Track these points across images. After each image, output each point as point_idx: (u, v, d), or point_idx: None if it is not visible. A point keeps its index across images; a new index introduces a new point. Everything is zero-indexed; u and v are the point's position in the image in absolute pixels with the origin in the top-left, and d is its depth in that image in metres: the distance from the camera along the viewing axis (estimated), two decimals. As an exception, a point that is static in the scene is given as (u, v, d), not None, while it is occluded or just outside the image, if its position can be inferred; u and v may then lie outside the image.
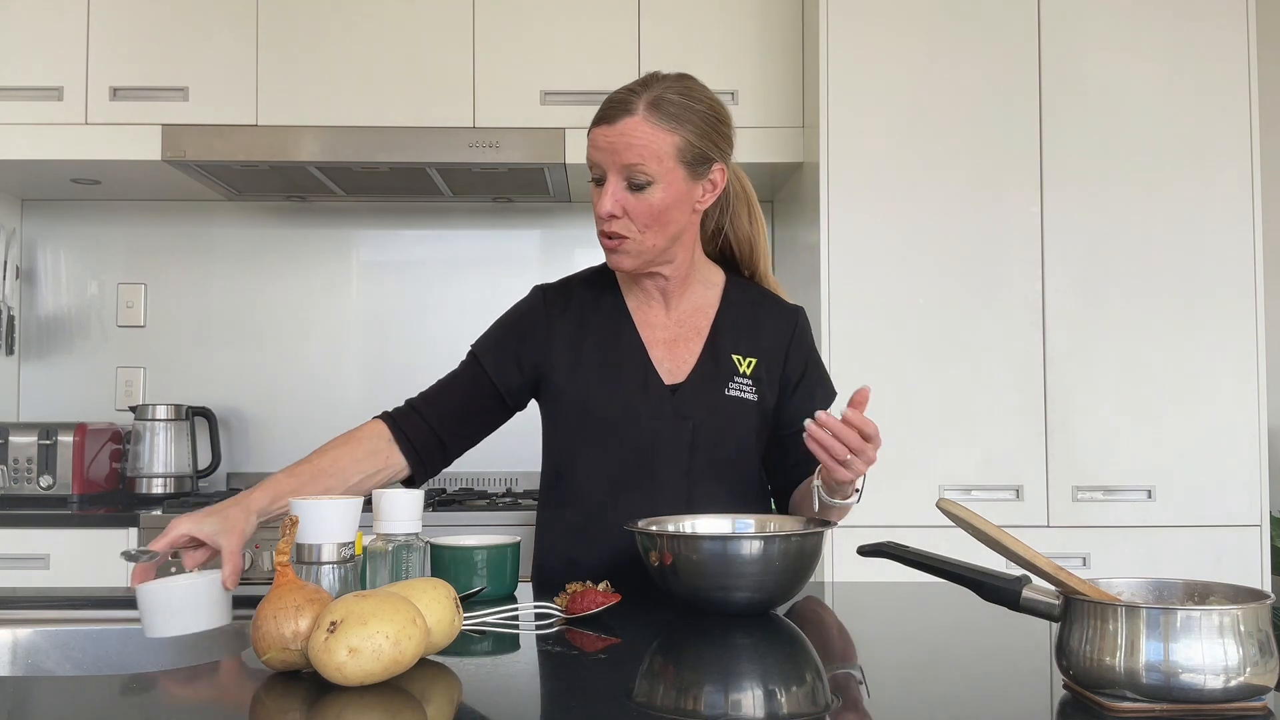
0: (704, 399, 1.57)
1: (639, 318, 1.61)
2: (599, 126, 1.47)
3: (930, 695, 0.95)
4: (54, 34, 2.83)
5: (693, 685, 0.98)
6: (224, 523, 1.29)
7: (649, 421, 1.55)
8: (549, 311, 1.61)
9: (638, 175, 1.46)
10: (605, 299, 1.63)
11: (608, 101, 1.49)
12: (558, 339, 1.59)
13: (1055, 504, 2.53)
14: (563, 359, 1.59)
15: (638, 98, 1.47)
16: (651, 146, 1.45)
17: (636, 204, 1.47)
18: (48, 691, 0.98)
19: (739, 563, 1.24)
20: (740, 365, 1.59)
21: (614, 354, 1.58)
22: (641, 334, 1.60)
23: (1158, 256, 2.56)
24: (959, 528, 1.03)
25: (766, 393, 1.60)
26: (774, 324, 1.63)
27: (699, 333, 1.61)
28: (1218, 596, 0.94)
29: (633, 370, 1.57)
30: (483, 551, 1.37)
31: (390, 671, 0.94)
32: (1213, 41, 2.58)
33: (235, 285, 3.28)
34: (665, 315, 1.62)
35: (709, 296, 1.64)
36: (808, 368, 1.64)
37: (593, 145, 1.48)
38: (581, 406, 1.57)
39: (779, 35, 2.86)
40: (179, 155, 2.77)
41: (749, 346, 1.61)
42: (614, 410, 1.55)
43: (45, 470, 2.85)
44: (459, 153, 2.78)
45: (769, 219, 3.31)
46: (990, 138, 2.57)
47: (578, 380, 1.57)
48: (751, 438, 1.60)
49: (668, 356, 1.59)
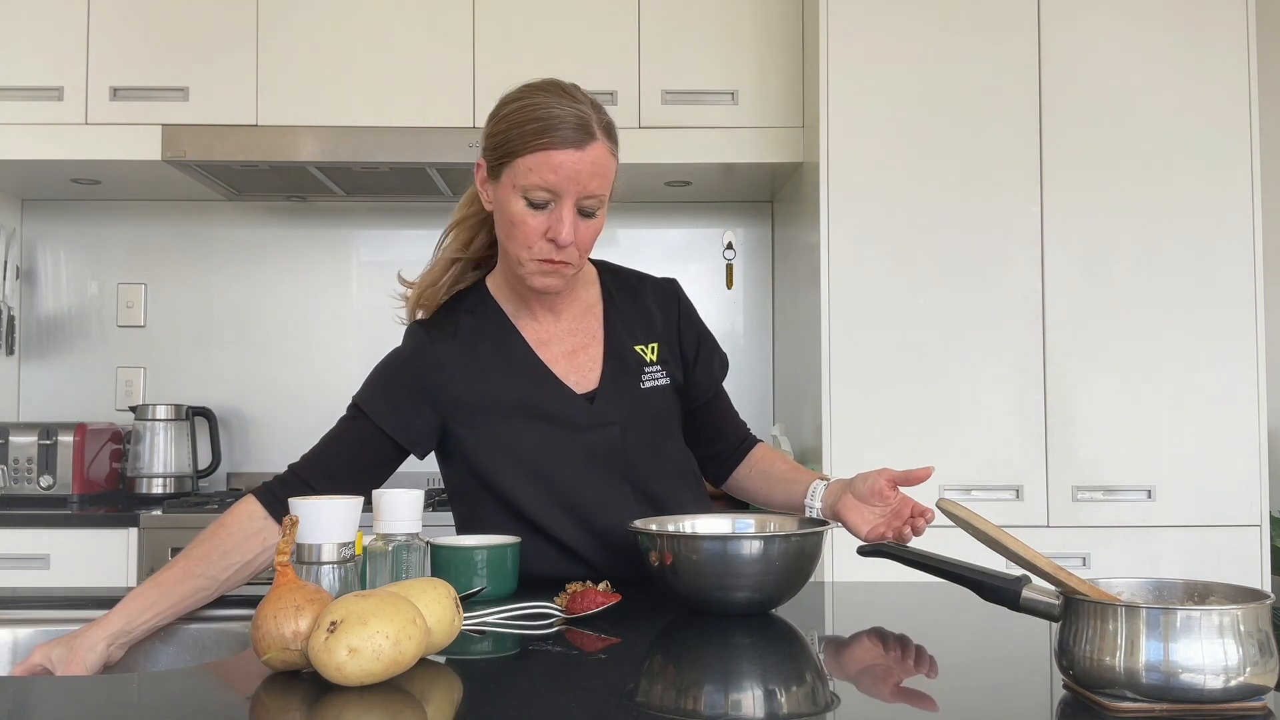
0: (621, 399, 1.53)
1: (532, 337, 1.54)
2: (564, 151, 1.36)
3: (930, 695, 0.95)
4: (54, 34, 2.83)
5: (693, 685, 0.98)
6: (68, 654, 1.22)
7: (579, 435, 1.50)
8: (437, 352, 1.52)
9: (592, 203, 1.41)
10: (491, 322, 1.54)
11: (560, 120, 1.37)
12: (453, 380, 1.50)
13: (1055, 504, 2.53)
14: (465, 398, 1.50)
15: (590, 119, 1.39)
16: (607, 174, 1.41)
17: (584, 231, 1.42)
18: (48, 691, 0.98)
19: (739, 563, 1.24)
20: (645, 354, 1.56)
21: (518, 379, 1.51)
22: (539, 353, 1.53)
23: (1158, 256, 2.57)
24: (959, 528, 1.03)
25: (674, 372, 1.58)
26: (659, 304, 1.61)
27: (594, 336, 1.56)
28: (1218, 596, 0.94)
29: (543, 391, 1.50)
30: (483, 551, 1.37)
31: (390, 671, 0.94)
32: (1213, 39, 2.58)
33: (235, 285, 3.28)
34: (556, 325, 1.55)
35: (590, 294, 1.59)
36: (700, 342, 1.62)
37: (553, 170, 1.36)
38: (502, 440, 1.49)
39: (779, 35, 2.86)
40: (179, 155, 2.77)
41: (644, 334, 1.58)
42: (537, 436, 1.49)
43: (45, 470, 2.85)
44: (459, 153, 2.78)
45: (769, 219, 3.31)
46: (990, 137, 2.57)
47: (490, 416, 1.49)
48: (675, 421, 1.60)
49: (571, 368, 1.53)
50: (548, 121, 1.37)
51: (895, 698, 0.96)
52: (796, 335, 2.90)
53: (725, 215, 3.31)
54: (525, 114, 1.39)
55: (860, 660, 1.09)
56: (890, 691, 0.97)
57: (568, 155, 1.37)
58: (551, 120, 1.37)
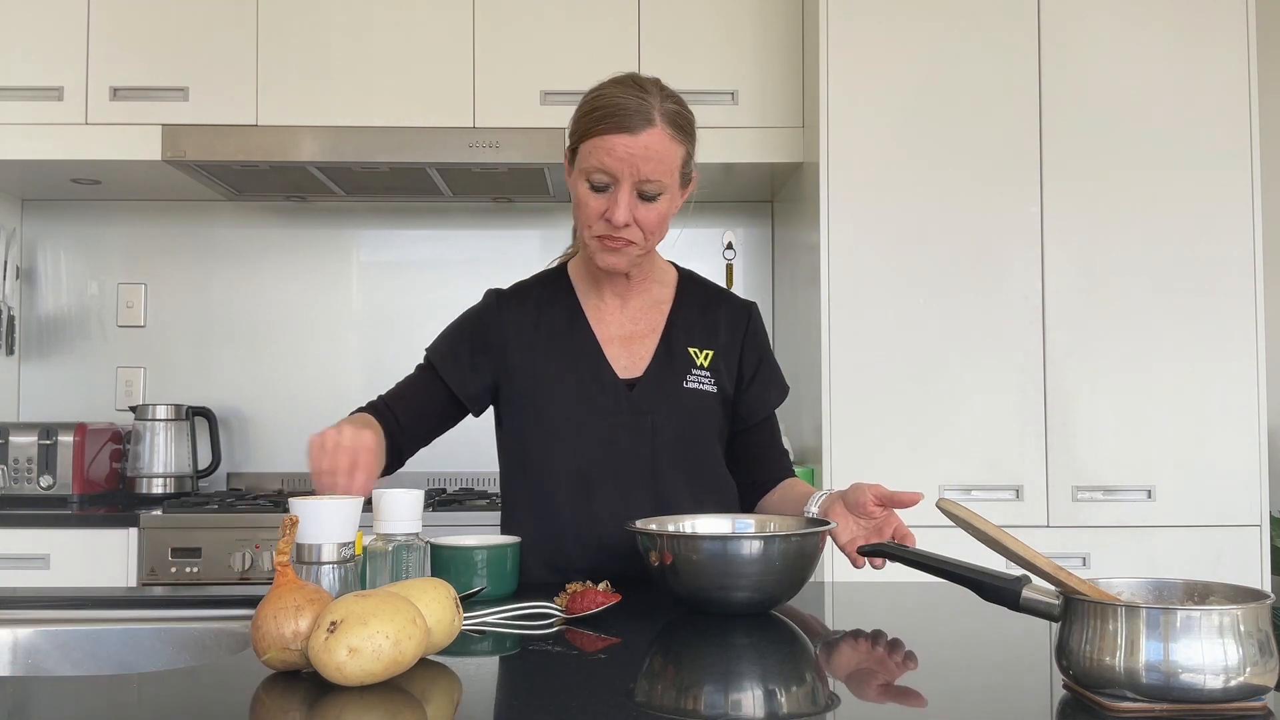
0: (662, 392, 1.56)
1: (593, 316, 1.61)
2: (619, 135, 1.44)
3: (930, 695, 0.95)
4: (54, 34, 2.83)
5: (693, 685, 0.98)
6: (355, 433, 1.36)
7: (607, 418, 1.55)
8: (502, 314, 1.61)
9: (651, 187, 1.46)
10: (560, 299, 1.63)
11: (618, 109, 1.45)
12: (511, 342, 1.59)
13: (1055, 504, 2.53)
14: (517, 362, 1.58)
15: (652, 107, 1.46)
16: (668, 160, 1.47)
17: (645, 213, 1.48)
18: (48, 691, 0.98)
19: (739, 563, 1.24)
20: (697, 358, 1.60)
21: (567, 352, 1.58)
22: (596, 331, 1.60)
23: (1158, 256, 2.57)
24: (959, 528, 1.03)
25: (725, 384, 1.60)
26: (728, 319, 1.65)
27: (654, 329, 1.61)
28: (1218, 596, 0.94)
29: (586, 367, 1.57)
30: (483, 551, 1.37)
31: (390, 671, 0.94)
32: (1213, 40, 2.58)
33: (235, 285, 3.28)
34: (621, 312, 1.62)
35: (663, 294, 1.65)
36: (761, 364, 1.65)
37: (608, 153, 1.45)
38: (537, 407, 1.56)
39: (778, 35, 2.86)
40: (179, 155, 2.77)
41: (704, 340, 1.61)
42: (570, 409, 1.55)
43: (45, 470, 2.85)
44: (459, 153, 2.78)
45: (769, 219, 3.32)
46: (990, 137, 2.57)
47: (532, 381, 1.57)
48: (713, 431, 1.61)
49: (624, 353, 1.59)
50: (607, 109, 1.46)
51: (894, 698, 0.96)
52: (796, 335, 2.90)
53: (725, 215, 3.31)
54: (592, 104, 1.49)
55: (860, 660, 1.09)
56: (890, 691, 0.97)
57: (621, 140, 1.44)
58: (611, 108, 1.45)
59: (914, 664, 1.07)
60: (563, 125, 2.81)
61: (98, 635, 1.33)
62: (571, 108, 1.54)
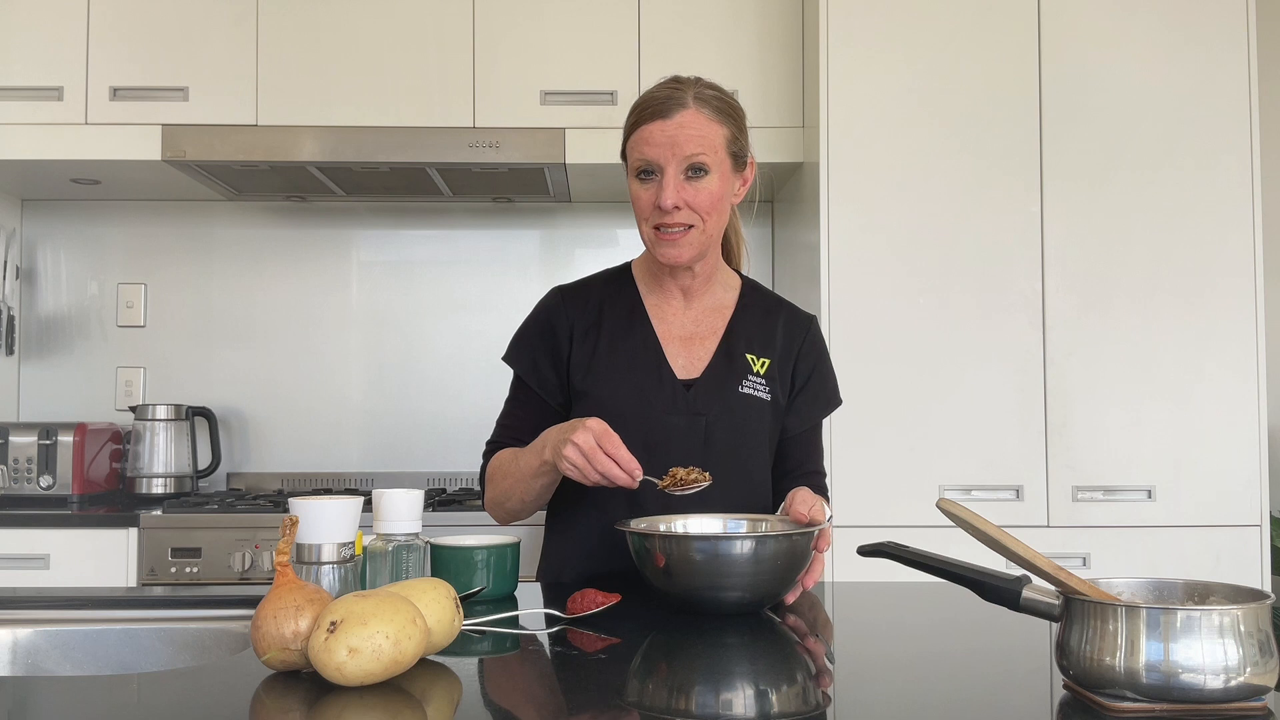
0: (718, 395, 1.58)
1: (655, 314, 1.62)
2: (654, 122, 1.49)
3: (930, 695, 0.95)
4: (54, 34, 2.83)
5: (690, 685, 0.98)
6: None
7: (662, 416, 1.56)
8: (567, 311, 1.63)
9: (695, 162, 1.49)
10: (623, 296, 1.64)
11: (651, 101, 1.50)
12: (576, 339, 1.61)
13: (1055, 504, 2.53)
14: (580, 357, 1.60)
15: (683, 93, 1.50)
16: (708, 137, 1.49)
17: (696, 194, 1.50)
18: (48, 691, 0.98)
19: (730, 563, 1.24)
20: (754, 365, 1.61)
21: (628, 349, 1.59)
22: (657, 329, 1.61)
23: (1158, 256, 2.56)
24: (959, 528, 1.03)
25: (779, 393, 1.62)
26: (787, 329, 1.66)
27: (715, 331, 1.62)
28: (1218, 596, 0.94)
29: (646, 364, 1.58)
30: (483, 551, 1.37)
31: (390, 671, 0.94)
32: (1213, 40, 2.58)
33: (235, 285, 3.28)
34: (683, 313, 1.63)
35: (727, 298, 1.66)
36: (813, 374, 1.66)
37: (647, 142, 1.49)
38: (595, 401, 1.57)
39: (779, 34, 2.86)
40: (179, 155, 2.77)
41: (763, 348, 1.62)
42: (627, 404, 1.55)
43: (45, 470, 2.85)
44: (459, 153, 2.78)
45: (769, 219, 3.31)
46: (990, 137, 2.57)
47: (593, 376, 1.59)
48: (764, 438, 1.61)
49: (683, 352, 1.60)
50: (644, 104, 1.52)
51: (894, 697, 0.96)
52: (796, 335, 2.90)
53: (725, 215, 3.31)
54: (634, 106, 1.54)
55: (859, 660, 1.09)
56: (889, 691, 0.97)
57: (655, 126, 1.49)
58: (646, 102, 1.52)
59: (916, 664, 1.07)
60: (562, 125, 2.84)
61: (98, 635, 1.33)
62: (571, 107, 1.55)
